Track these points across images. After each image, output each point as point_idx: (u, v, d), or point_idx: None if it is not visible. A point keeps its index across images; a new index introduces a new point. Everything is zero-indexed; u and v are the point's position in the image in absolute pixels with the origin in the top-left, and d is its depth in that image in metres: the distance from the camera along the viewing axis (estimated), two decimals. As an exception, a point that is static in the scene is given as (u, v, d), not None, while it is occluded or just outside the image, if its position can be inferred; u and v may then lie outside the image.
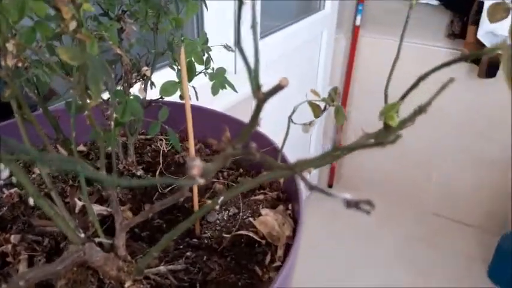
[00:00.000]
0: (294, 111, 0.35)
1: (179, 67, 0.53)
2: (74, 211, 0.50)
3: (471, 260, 1.94)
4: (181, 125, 0.65)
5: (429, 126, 1.99)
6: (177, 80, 0.50)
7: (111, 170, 0.49)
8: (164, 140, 0.69)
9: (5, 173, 0.64)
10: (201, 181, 0.22)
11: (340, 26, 2.00)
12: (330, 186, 2.43)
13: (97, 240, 0.42)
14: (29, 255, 0.46)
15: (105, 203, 0.54)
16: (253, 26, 0.24)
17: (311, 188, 0.22)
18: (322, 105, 0.37)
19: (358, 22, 1.97)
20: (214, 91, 0.51)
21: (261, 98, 0.23)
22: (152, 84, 0.58)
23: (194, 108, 0.52)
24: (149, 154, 0.67)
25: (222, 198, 0.32)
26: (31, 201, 0.55)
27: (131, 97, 0.44)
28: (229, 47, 0.55)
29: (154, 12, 0.56)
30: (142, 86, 0.56)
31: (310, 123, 0.37)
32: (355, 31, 1.99)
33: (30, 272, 0.30)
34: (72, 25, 0.27)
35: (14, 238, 0.47)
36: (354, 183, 2.36)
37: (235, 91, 0.55)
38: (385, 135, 0.26)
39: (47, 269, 0.32)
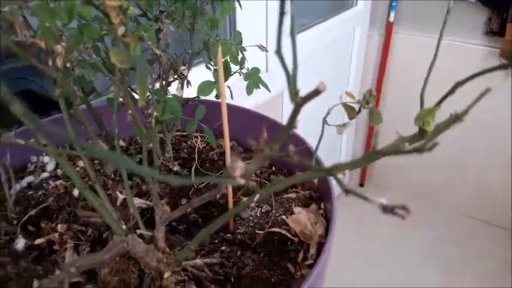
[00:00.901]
0: (328, 113, 0.36)
1: (215, 67, 0.55)
2: (115, 203, 0.53)
3: (502, 262, 1.88)
4: (215, 123, 0.67)
5: (461, 127, 1.93)
6: (212, 80, 0.51)
7: (151, 165, 0.51)
8: (199, 137, 0.71)
9: (51, 165, 0.68)
10: (242, 181, 0.24)
11: (373, 23, 1.98)
12: (362, 185, 2.40)
13: (138, 232, 0.44)
14: (75, 244, 0.49)
15: (144, 197, 0.57)
16: (292, 34, 0.25)
17: (347, 192, 0.23)
18: (356, 106, 0.38)
19: (391, 18, 1.93)
20: (249, 91, 0.52)
21: (299, 102, 0.24)
22: (188, 82, 0.60)
23: (228, 107, 0.54)
24: (185, 150, 0.69)
25: (257, 196, 0.34)
26: (76, 193, 0.59)
27: (170, 96, 0.46)
28: (263, 47, 0.56)
29: (190, 13, 0.58)
30: (180, 85, 0.58)
31: (344, 125, 0.38)
32: (388, 28, 1.95)
33: (80, 260, 0.33)
34: (121, 30, 0.29)
35: (60, 227, 0.50)
36: (385, 183, 2.33)
37: (269, 90, 0.56)
38: (421, 141, 0.27)
39: (95, 257, 0.34)
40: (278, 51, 0.22)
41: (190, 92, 0.59)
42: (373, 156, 0.27)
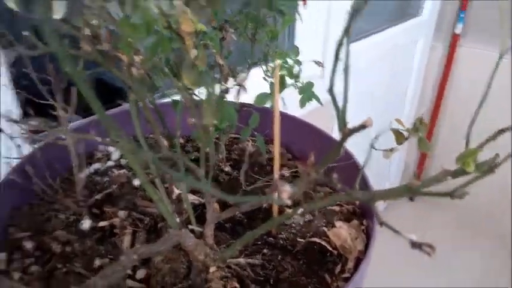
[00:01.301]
0: (375, 138, 0.38)
1: (271, 79, 0.58)
2: (171, 197, 0.58)
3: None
4: (267, 128, 0.70)
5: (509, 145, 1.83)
6: (268, 91, 0.54)
7: (206, 166, 0.55)
8: (251, 141, 0.75)
9: (116, 155, 0.74)
10: (288, 202, 0.26)
11: (438, 34, 1.92)
12: (412, 199, 2.35)
13: (190, 227, 0.48)
14: (133, 230, 0.54)
15: (197, 193, 0.61)
16: (346, 69, 0.27)
17: (381, 224, 0.25)
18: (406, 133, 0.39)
19: (458, 30, 1.86)
20: (302, 104, 0.55)
21: (346, 133, 0.26)
22: (244, 89, 0.64)
23: (280, 114, 0.57)
24: (236, 152, 0.73)
25: (301, 210, 0.36)
26: (136, 183, 0.64)
27: (229, 105, 0.50)
28: (320, 63, 0.58)
29: (253, 24, 0.62)
30: (237, 92, 0.62)
31: (392, 150, 0.40)
32: (453, 40, 1.89)
33: (141, 248, 0.37)
34: (193, 52, 0.32)
35: (122, 214, 0.56)
36: (434, 199, 2.26)
37: (321, 104, 0.58)
38: (464, 175, 0.28)
39: (153, 247, 0.39)
40: (330, 91, 0.24)
41: (245, 97, 0.63)
42: (412, 191, 0.29)
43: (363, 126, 0.26)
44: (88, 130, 0.58)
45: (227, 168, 0.68)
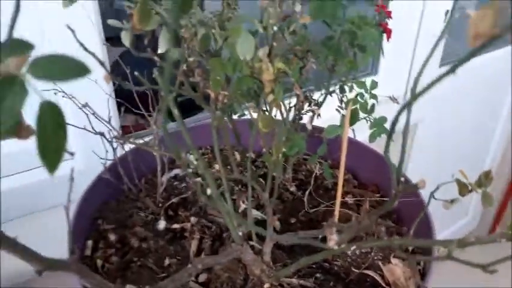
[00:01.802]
0: (437, 188, 0.38)
1: (344, 110, 0.60)
2: (237, 210, 0.62)
3: None
4: (334, 153, 0.72)
5: None
6: (338, 124, 0.57)
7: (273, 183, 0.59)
8: (318, 164, 0.77)
9: (195, 163, 0.81)
10: (335, 247, 0.29)
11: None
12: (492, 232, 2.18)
13: (250, 243, 0.52)
14: (200, 236, 0.60)
15: (261, 208, 0.65)
16: (404, 133, 0.29)
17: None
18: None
19: None
20: (372, 139, 0.56)
21: (399, 191, 0.28)
22: (318, 115, 0.67)
23: (348, 140, 0.58)
24: (303, 173, 0.76)
25: (354, 247, 0.38)
26: (209, 191, 0.70)
27: (299, 135, 0.53)
28: (395, 99, 0.59)
29: (333, 56, 0.64)
30: (310, 118, 0.65)
31: (453, 201, 0.40)
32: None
33: (206, 259, 0.42)
34: (270, 98, 0.36)
35: (193, 219, 0.62)
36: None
37: (392, 140, 0.59)
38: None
39: (216, 259, 0.43)
40: (386, 152, 0.26)
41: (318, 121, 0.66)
42: (464, 245, 0.30)
43: (415, 187, 0.27)
44: (174, 139, 0.65)
45: (292, 188, 0.71)
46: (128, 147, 0.68)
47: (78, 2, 0.40)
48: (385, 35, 0.67)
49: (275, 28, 0.33)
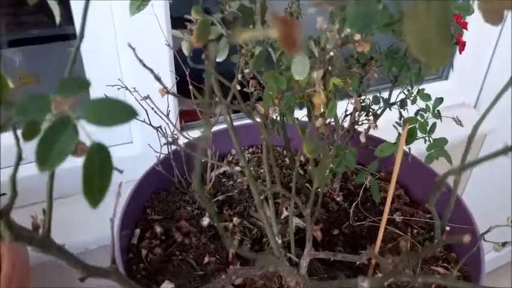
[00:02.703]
0: (487, 231, 0.36)
1: (401, 129, 0.57)
2: (279, 216, 0.63)
3: None
4: (389, 165, 0.69)
5: None
6: (393, 142, 0.54)
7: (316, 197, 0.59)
8: (370, 175, 0.75)
9: (243, 162, 0.82)
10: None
11: None
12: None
13: (288, 255, 0.52)
14: (241, 238, 0.61)
15: (303, 217, 0.65)
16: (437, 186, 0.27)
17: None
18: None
19: None
20: (429, 160, 0.54)
21: (442, 241, 0.27)
22: (375, 127, 0.64)
23: (405, 155, 0.56)
24: (353, 183, 0.74)
25: (390, 280, 0.37)
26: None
27: (350, 151, 0.51)
28: (459, 121, 0.55)
29: (398, 67, 0.61)
30: (365, 131, 0.63)
31: (504, 244, 0.37)
32: None
33: (241, 270, 0.43)
34: (319, 122, 0.35)
35: (235, 220, 0.63)
36: None
37: (451, 163, 0.56)
38: None
39: (251, 271, 0.44)
40: (431, 203, 0.25)
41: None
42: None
43: (459, 239, 0.26)
44: (225, 137, 0.67)
45: (339, 198, 0.70)
46: (183, 140, 0.70)
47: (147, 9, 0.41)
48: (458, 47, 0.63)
49: (331, 53, 0.32)
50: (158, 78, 0.37)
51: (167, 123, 0.65)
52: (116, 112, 0.18)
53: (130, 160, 0.81)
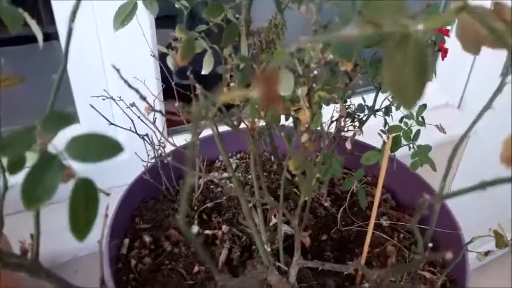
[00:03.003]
0: (471, 241, 0.37)
1: (386, 137, 0.58)
2: (268, 223, 0.63)
3: None
4: (375, 169, 0.70)
5: None
6: (378, 149, 0.55)
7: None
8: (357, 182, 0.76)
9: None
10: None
11: None
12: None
13: (277, 263, 0.53)
14: (230, 246, 0.61)
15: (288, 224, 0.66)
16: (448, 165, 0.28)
17: None
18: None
19: None
20: (413, 168, 0.55)
21: (424, 257, 0.27)
22: (361, 133, 0.65)
23: (390, 160, 0.57)
24: (340, 187, 0.75)
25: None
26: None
27: (336, 160, 0.52)
28: (442, 128, 0.56)
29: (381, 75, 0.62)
30: (351, 138, 0.64)
31: (487, 254, 0.38)
32: None
33: (232, 281, 0.43)
34: (304, 137, 0.36)
35: (224, 228, 0.63)
36: None
37: (435, 170, 0.57)
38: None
39: (242, 284, 0.45)
40: (414, 222, 0.26)
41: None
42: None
43: (441, 255, 0.27)
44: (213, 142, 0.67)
45: (327, 204, 0.71)
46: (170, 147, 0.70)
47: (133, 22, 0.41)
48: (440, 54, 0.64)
49: (315, 72, 0.33)
50: (143, 98, 0.38)
51: (153, 131, 0.65)
52: (102, 148, 0.18)
53: (116, 166, 0.80)
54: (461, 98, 1.40)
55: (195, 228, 0.63)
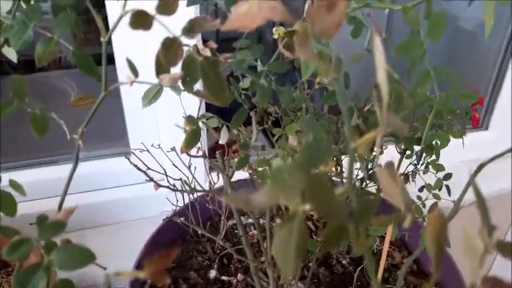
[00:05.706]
0: None
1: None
2: (278, 284, 0.66)
3: None
4: (401, 229, 0.70)
5: None
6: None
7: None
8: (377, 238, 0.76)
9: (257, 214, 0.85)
10: None
11: None
12: None
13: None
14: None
15: (303, 279, 0.68)
16: None
17: None
18: None
19: None
20: (421, 247, 0.55)
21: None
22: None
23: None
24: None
25: None
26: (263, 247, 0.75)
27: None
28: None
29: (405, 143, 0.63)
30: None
31: None
32: None
33: None
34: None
35: (239, 276, 0.67)
36: None
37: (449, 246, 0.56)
38: None
39: None
40: None
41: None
42: None
43: None
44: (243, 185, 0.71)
45: (345, 261, 0.72)
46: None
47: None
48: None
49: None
50: (151, 179, 0.43)
51: (187, 177, 0.71)
52: (76, 258, 0.23)
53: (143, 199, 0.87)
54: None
55: (213, 273, 0.68)
